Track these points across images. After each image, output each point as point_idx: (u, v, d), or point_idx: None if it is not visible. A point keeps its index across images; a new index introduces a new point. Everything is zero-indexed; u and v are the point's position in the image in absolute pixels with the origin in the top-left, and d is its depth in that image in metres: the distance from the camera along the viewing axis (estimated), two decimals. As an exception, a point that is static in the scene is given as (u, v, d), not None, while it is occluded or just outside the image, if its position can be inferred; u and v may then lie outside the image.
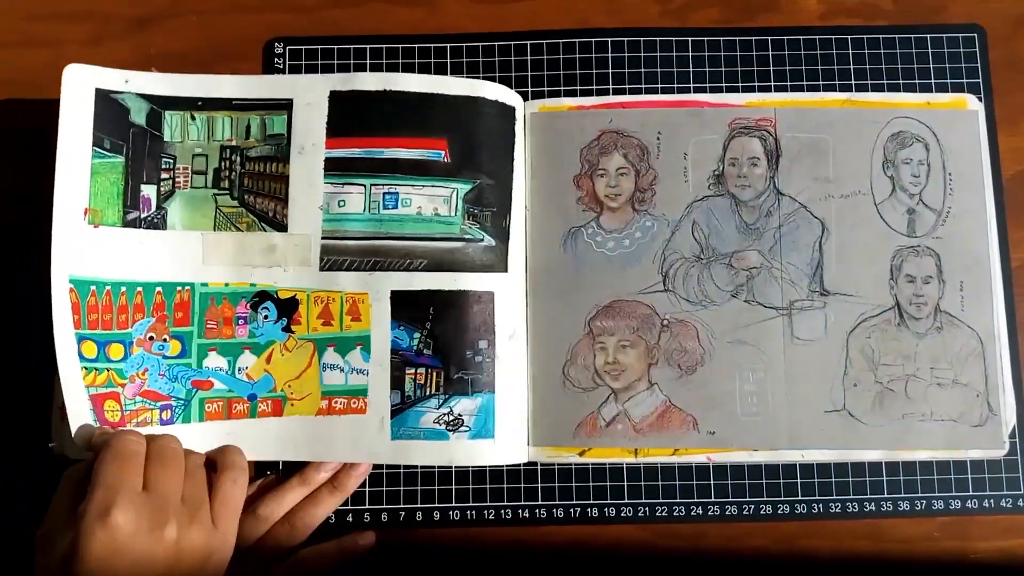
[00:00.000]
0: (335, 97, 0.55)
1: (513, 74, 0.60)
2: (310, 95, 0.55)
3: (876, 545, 0.55)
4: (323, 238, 0.55)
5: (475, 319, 0.54)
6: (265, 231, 0.55)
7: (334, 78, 0.56)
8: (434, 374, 0.54)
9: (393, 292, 0.54)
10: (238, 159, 0.56)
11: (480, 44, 0.60)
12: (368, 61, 0.60)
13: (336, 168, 0.55)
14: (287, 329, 0.54)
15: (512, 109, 0.57)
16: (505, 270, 0.55)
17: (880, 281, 0.57)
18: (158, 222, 0.54)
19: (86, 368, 0.51)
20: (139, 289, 0.53)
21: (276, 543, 0.52)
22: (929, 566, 0.55)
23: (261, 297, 0.55)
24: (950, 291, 0.57)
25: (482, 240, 0.55)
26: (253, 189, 0.55)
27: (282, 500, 0.52)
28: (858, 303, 0.57)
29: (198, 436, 0.53)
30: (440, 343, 0.54)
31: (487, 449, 0.53)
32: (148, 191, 0.54)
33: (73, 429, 0.50)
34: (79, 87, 0.53)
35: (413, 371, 0.54)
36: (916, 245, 0.57)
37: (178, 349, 0.54)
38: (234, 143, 0.56)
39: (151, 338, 0.53)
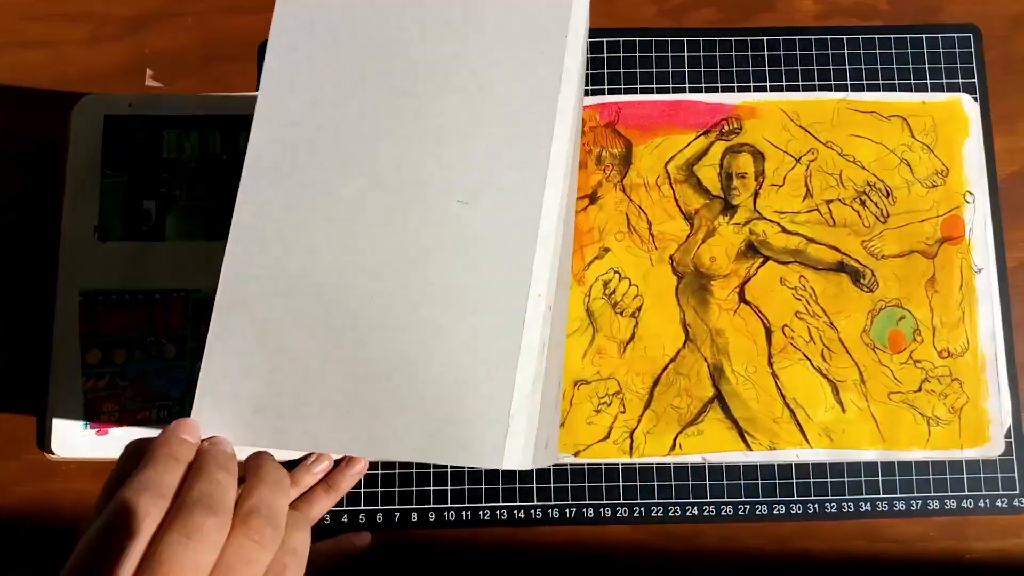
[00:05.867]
0: None
1: (509, 74, 0.59)
2: None
3: (872, 545, 0.55)
4: None
5: None
6: None
7: None
8: None
9: None
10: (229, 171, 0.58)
11: (476, 44, 0.60)
12: (364, 62, 0.60)
13: None
14: None
15: None
16: None
17: (876, 282, 0.57)
18: (158, 233, 0.57)
19: (86, 375, 0.55)
20: (141, 297, 0.56)
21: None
22: (925, 566, 0.55)
23: None
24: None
25: None
26: None
27: None
28: (854, 304, 0.57)
29: None
30: None
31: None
32: (149, 205, 0.57)
33: (58, 433, 0.54)
34: (91, 116, 0.57)
35: None
36: (912, 245, 0.57)
37: (173, 352, 0.56)
38: (225, 157, 0.58)
39: (151, 342, 0.56)
